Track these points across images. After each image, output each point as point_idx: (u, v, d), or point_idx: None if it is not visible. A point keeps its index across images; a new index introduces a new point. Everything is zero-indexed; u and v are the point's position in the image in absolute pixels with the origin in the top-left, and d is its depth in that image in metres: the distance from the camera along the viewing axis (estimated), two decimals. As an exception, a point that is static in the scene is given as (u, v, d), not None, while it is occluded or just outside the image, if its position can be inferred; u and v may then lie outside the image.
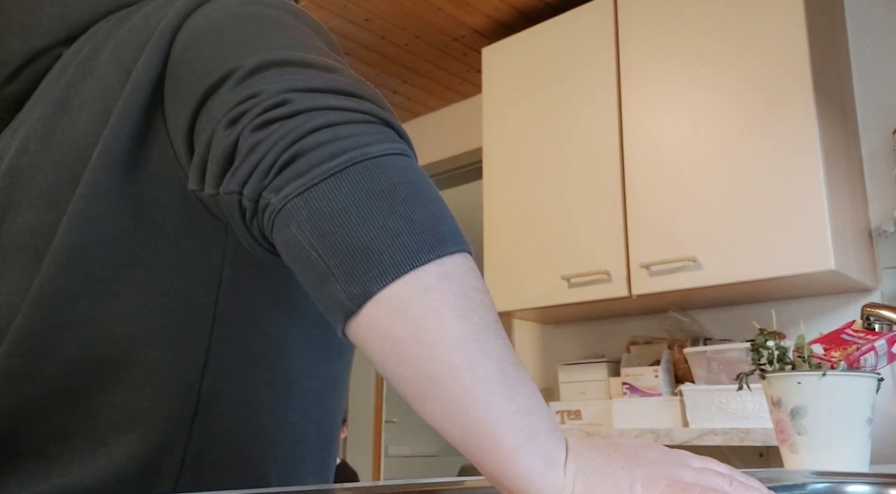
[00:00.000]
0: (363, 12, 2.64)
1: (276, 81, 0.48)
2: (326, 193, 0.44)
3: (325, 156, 0.45)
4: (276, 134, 0.46)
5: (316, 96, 0.47)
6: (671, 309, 2.21)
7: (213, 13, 0.59)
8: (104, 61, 0.61)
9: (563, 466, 0.42)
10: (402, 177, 0.46)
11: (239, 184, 0.47)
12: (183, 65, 0.56)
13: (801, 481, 0.60)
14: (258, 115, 0.47)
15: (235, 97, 0.49)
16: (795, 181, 1.82)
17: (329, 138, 0.46)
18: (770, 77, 1.91)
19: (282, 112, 0.47)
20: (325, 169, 0.45)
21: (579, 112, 2.29)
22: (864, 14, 2.15)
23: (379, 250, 0.42)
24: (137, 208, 0.56)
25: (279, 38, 0.55)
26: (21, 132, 0.62)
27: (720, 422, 1.86)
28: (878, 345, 1.02)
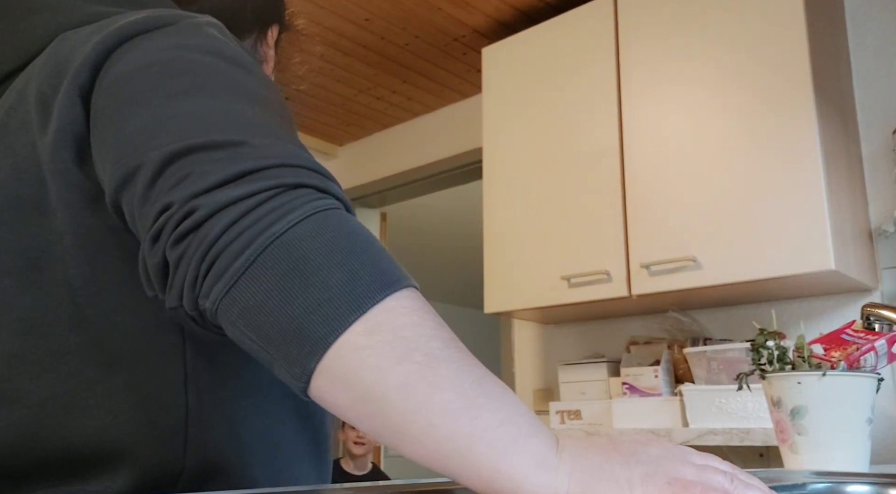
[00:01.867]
0: (363, 12, 2.64)
1: (181, 186, 0.49)
2: (246, 288, 0.46)
3: (236, 254, 0.46)
4: (191, 247, 0.48)
5: (216, 193, 0.48)
6: (671, 309, 2.21)
7: (131, 61, 0.58)
8: (30, 92, 0.62)
9: (555, 466, 0.42)
10: (313, 243, 0.46)
11: (176, 300, 0.49)
12: (101, 122, 0.57)
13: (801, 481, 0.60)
14: (172, 231, 0.48)
15: (151, 210, 0.50)
16: (795, 181, 1.82)
17: (235, 235, 0.47)
18: (770, 77, 1.91)
19: (190, 223, 0.48)
20: (238, 266, 0.46)
21: (579, 112, 2.29)
22: (864, 15, 2.15)
23: (304, 328, 0.44)
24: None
25: (191, 100, 0.55)
26: None
27: (720, 422, 1.86)
28: (878, 345, 1.02)
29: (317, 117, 3.50)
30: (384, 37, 2.80)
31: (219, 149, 0.51)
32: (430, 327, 0.46)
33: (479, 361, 0.47)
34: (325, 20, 2.69)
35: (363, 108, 3.40)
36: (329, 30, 2.75)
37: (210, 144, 0.51)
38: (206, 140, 0.51)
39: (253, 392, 0.63)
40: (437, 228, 5.43)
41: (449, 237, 5.59)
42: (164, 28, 0.61)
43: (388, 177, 3.53)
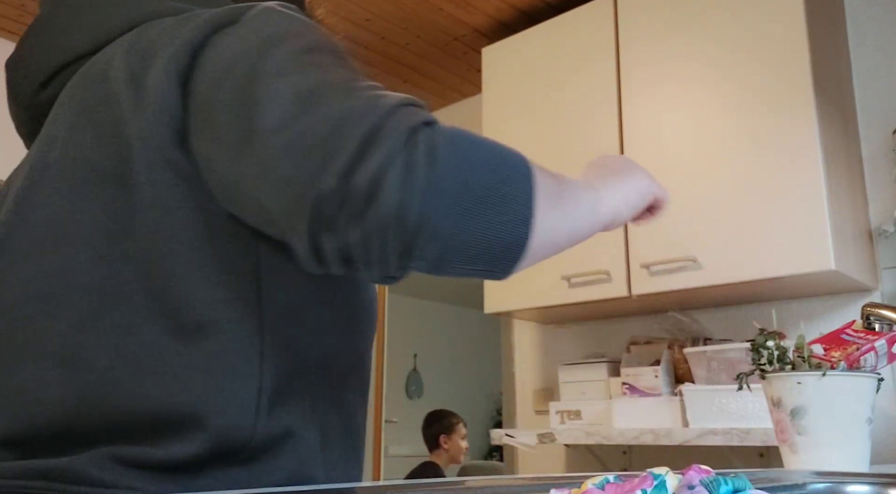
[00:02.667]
0: (363, 12, 2.64)
1: (327, 169, 0.53)
2: (456, 238, 0.56)
3: (432, 225, 0.54)
4: (380, 223, 0.53)
5: (361, 169, 0.53)
6: (671, 309, 2.21)
7: (229, 48, 0.61)
8: (116, 73, 0.64)
9: (597, 189, 0.78)
10: (467, 173, 0.56)
11: (386, 271, 0.56)
12: (214, 106, 0.59)
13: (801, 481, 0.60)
14: (346, 213, 0.54)
15: (304, 200, 0.54)
16: (795, 181, 1.82)
17: (419, 207, 0.53)
18: (770, 77, 1.91)
19: (360, 204, 0.53)
20: (443, 230, 0.55)
21: (579, 112, 2.29)
22: (864, 15, 2.15)
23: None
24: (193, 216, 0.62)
25: (290, 79, 0.58)
26: (39, 145, 0.68)
27: (720, 422, 1.86)
28: (878, 345, 1.02)
29: (317, 117, 3.50)
30: (384, 37, 2.80)
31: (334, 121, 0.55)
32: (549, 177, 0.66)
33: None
34: (324, 20, 2.69)
35: (363, 108, 3.40)
36: (329, 30, 2.75)
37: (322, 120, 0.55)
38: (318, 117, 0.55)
39: (323, 367, 0.66)
40: (437, 228, 5.42)
41: (449, 237, 5.58)
42: (246, 18, 0.64)
43: (388, 177, 3.53)
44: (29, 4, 2.59)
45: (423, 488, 0.57)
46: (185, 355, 0.59)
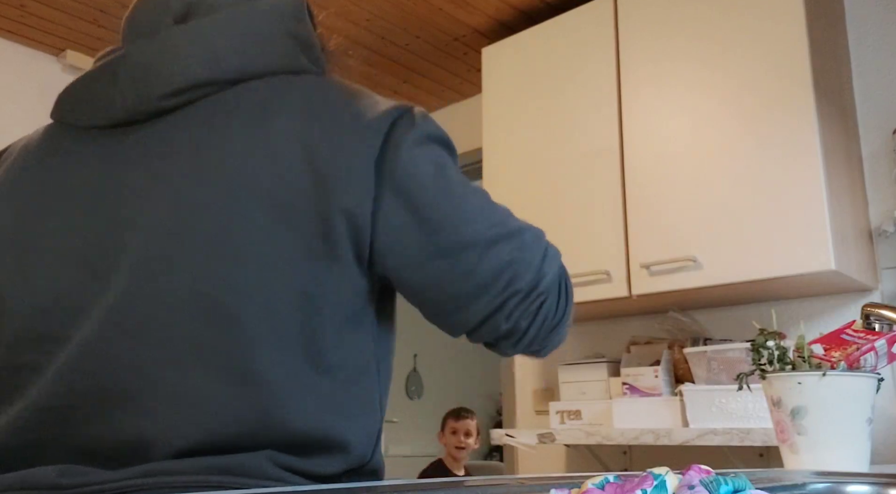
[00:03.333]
0: (363, 12, 2.64)
1: (515, 282, 0.76)
2: (557, 336, 0.89)
3: (559, 327, 0.88)
4: (546, 320, 0.83)
5: (541, 284, 0.80)
6: (671, 310, 2.21)
7: (416, 165, 0.73)
8: (281, 137, 0.70)
9: None
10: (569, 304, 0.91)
11: (523, 348, 0.83)
12: (403, 238, 0.72)
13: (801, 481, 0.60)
14: (531, 310, 0.79)
15: (496, 297, 0.76)
16: (795, 181, 1.82)
17: (557, 316, 0.87)
18: (770, 77, 1.91)
19: (537, 308, 0.80)
20: (559, 337, 0.91)
21: (579, 112, 2.29)
22: (864, 14, 2.15)
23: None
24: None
25: (471, 199, 0.77)
26: (179, 147, 0.72)
27: (720, 422, 1.86)
28: (878, 345, 1.02)
29: (317, 117, 3.50)
30: (384, 37, 2.80)
31: (530, 252, 0.77)
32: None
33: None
34: (325, 20, 2.69)
35: (363, 108, 3.40)
36: (329, 30, 2.75)
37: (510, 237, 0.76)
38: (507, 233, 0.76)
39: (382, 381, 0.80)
40: (437, 228, 5.43)
41: (449, 237, 5.58)
42: (416, 131, 0.75)
43: (389, 177, 3.53)
44: (29, 4, 2.59)
45: (423, 488, 0.57)
46: (332, 389, 0.69)
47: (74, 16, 2.66)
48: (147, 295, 0.67)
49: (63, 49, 2.89)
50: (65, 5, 2.60)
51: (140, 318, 0.67)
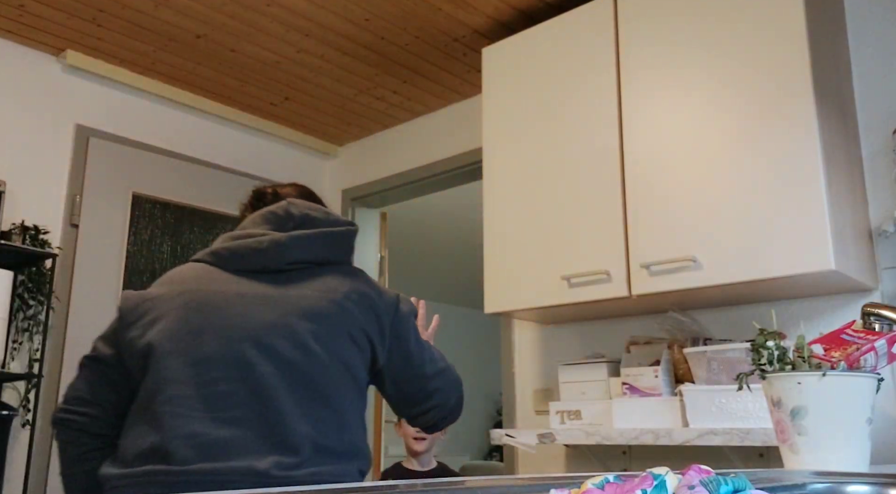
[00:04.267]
0: (363, 12, 2.64)
1: (441, 405, 1.46)
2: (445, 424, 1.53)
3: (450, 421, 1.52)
4: (446, 421, 1.50)
5: (454, 410, 1.50)
6: (671, 309, 2.21)
7: (405, 334, 1.40)
8: (353, 305, 1.32)
9: None
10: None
11: (431, 427, 1.50)
12: (396, 364, 1.38)
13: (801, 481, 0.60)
14: (444, 418, 1.48)
15: (428, 405, 1.45)
16: (795, 181, 1.82)
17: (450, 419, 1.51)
18: (770, 77, 1.91)
19: (449, 417, 1.50)
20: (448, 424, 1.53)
21: (579, 112, 2.29)
22: (864, 14, 2.15)
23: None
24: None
25: (431, 362, 1.45)
26: (293, 288, 1.33)
27: (720, 422, 1.86)
28: (878, 345, 1.02)
29: (317, 117, 3.50)
30: (384, 37, 2.80)
31: (448, 384, 1.46)
32: None
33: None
34: (325, 20, 2.69)
35: (363, 108, 3.40)
36: (329, 30, 2.75)
37: (442, 380, 1.45)
38: (441, 381, 1.44)
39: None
40: (437, 228, 5.43)
41: (449, 237, 5.59)
42: (404, 315, 1.40)
43: (388, 177, 3.53)
44: (28, 4, 2.59)
45: (423, 488, 0.57)
46: (356, 426, 1.29)
47: (74, 15, 2.66)
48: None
49: (63, 49, 2.89)
50: (64, 5, 2.60)
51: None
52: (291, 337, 1.21)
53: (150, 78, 3.11)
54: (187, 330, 1.22)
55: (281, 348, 1.20)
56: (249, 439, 1.13)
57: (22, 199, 2.74)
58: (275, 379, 1.17)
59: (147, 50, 2.90)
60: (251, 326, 1.22)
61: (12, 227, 2.64)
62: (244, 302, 1.26)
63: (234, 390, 1.16)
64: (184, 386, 1.17)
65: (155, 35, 2.79)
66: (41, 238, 2.66)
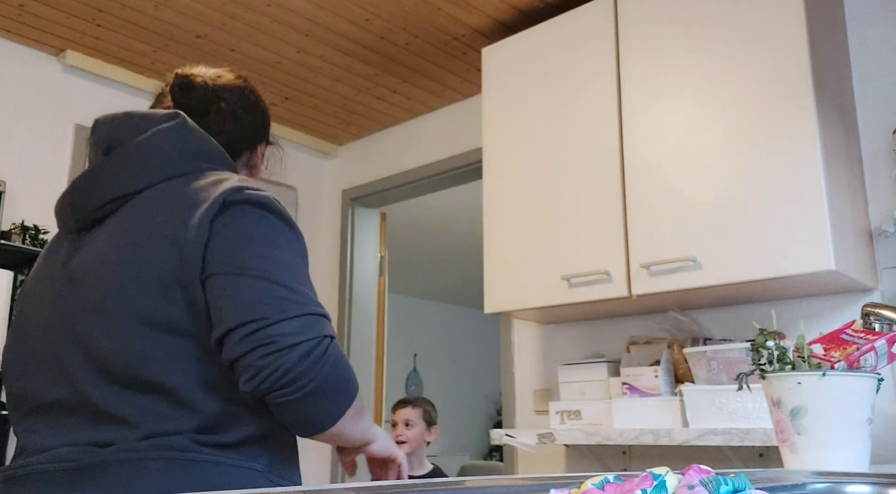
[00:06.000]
0: (363, 12, 2.64)
1: (265, 317, 0.94)
2: (300, 402, 0.95)
3: (303, 384, 0.93)
4: (272, 366, 0.92)
5: (288, 332, 0.94)
6: (671, 309, 2.21)
7: (235, 223, 1.00)
8: (164, 213, 1.00)
9: (377, 428, 1.12)
10: (333, 383, 0.97)
11: (252, 388, 0.94)
12: (216, 257, 0.97)
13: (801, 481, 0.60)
14: (259, 348, 0.93)
15: (240, 328, 0.95)
16: (795, 181, 1.82)
17: (300, 371, 0.93)
18: (770, 77, 1.91)
19: (272, 349, 0.93)
20: (303, 392, 0.94)
21: (579, 112, 2.29)
22: (864, 14, 2.15)
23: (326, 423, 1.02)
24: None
25: (271, 261, 0.98)
26: (100, 241, 1.03)
27: (720, 422, 1.86)
28: (878, 345, 1.02)
29: (317, 117, 3.50)
30: (384, 37, 2.80)
31: (288, 292, 0.96)
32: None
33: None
34: (325, 20, 2.69)
35: (363, 108, 3.40)
36: (329, 30, 2.75)
37: (283, 287, 0.96)
38: (282, 285, 0.96)
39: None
40: (437, 228, 5.43)
41: (449, 237, 5.59)
42: (251, 206, 1.01)
43: (388, 177, 3.53)
44: (28, 4, 2.59)
45: (423, 488, 0.57)
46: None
47: (74, 15, 2.66)
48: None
49: (63, 49, 2.89)
50: (64, 5, 2.60)
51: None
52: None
53: (149, 78, 3.11)
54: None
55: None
56: None
57: (22, 199, 2.74)
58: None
59: (147, 50, 2.90)
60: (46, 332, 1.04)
61: (12, 227, 2.64)
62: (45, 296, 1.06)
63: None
64: None
65: (155, 35, 2.79)
66: (41, 238, 2.66)
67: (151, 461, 0.91)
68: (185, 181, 1.04)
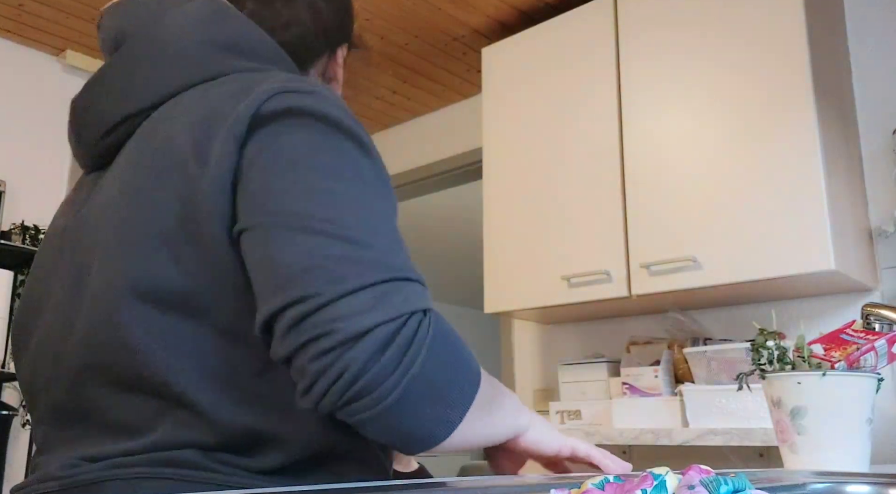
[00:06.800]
0: (363, 12, 2.64)
1: (318, 282, 0.62)
2: (390, 415, 0.63)
3: (386, 392, 0.61)
4: (336, 368, 0.61)
5: (354, 312, 0.61)
6: (671, 309, 2.21)
7: (276, 146, 0.68)
8: (178, 139, 0.71)
9: (527, 413, 0.81)
10: (437, 376, 0.64)
11: (313, 403, 0.63)
12: (247, 201, 0.67)
13: (801, 481, 0.60)
14: (315, 342, 0.61)
15: (287, 294, 0.63)
16: (795, 181, 1.82)
17: (380, 372, 0.61)
18: (770, 77, 1.91)
19: (332, 343, 0.61)
20: (387, 404, 0.62)
21: (579, 112, 2.29)
22: (864, 14, 2.15)
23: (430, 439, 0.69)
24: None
25: (327, 194, 0.66)
26: (105, 185, 0.76)
27: (720, 422, 1.86)
28: (878, 345, 1.02)
29: (317, 117, 3.50)
30: (384, 37, 2.80)
31: (352, 249, 0.63)
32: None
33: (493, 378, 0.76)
34: (325, 20, 2.69)
35: (363, 108, 3.40)
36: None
37: (344, 241, 0.63)
38: (342, 239, 0.63)
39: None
40: (436, 228, 5.43)
41: (449, 237, 5.59)
42: (299, 117, 0.69)
43: (388, 177, 3.53)
44: (27, 4, 2.59)
45: (423, 488, 0.57)
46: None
47: (74, 15, 2.66)
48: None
49: (63, 49, 2.89)
50: (64, 5, 2.60)
51: None
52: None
53: (150, 78, 3.12)
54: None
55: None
56: None
57: (22, 199, 2.74)
58: None
59: (147, 50, 2.90)
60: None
61: (12, 227, 2.64)
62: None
63: None
64: None
65: (155, 35, 2.79)
66: (41, 238, 2.66)
67: (148, 480, 0.68)
68: (209, 88, 0.74)
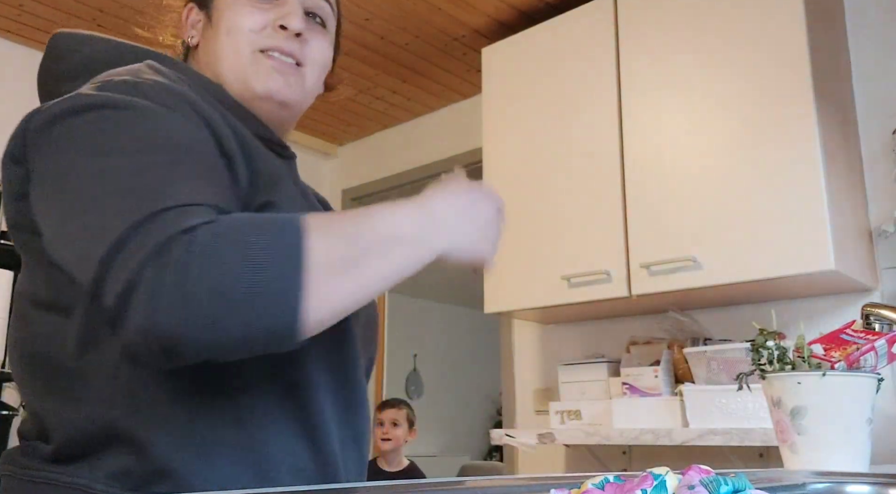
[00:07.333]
0: (363, 12, 2.64)
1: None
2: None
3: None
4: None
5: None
6: (671, 309, 2.21)
7: (57, 142, 0.69)
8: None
9: (443, 235, 0.76)
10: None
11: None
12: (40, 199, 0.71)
13: (801, 481, 0.60)
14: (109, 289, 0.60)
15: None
16: (795, 181, 1.82)
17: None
18: (770, 77, 1.91)
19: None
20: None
21: (579, 112, 2.29)
22: (864, 14, 2.15)
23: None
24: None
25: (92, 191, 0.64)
26: None
27: (720, 422, 1.85)
28: (878, 345, 1.02)
29: (317, 117, 3.50)
30: (384, 37, 2.80)
31: (78, 226, 0.64)
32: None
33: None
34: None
35: (363, 108, 3.40)
36: (329, 30, 2.75)
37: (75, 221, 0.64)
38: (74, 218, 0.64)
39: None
40: (437, 228, 5.42)
41: (449, 237, 5.57)
42: (72, 119, 0.69)
43: (388, 176, 3.53)
44: (28, 4, 2.59)
45: (423, 488, 0.57)
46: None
47: (73, 15, 2.66)
48: None
49: (63, 49, 2.89)
50: (64, 5, 2.60)
51: None
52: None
53: (150, 78, 3.11)
54: None
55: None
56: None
57: (22, 199, 2.74)
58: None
59: (147, 50, 2.90)
60: None
61: (12, 227, 2.64)
62: None
63: None
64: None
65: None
66: (41, 238, 2.66)
67: (6, 478, 0.69)
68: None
